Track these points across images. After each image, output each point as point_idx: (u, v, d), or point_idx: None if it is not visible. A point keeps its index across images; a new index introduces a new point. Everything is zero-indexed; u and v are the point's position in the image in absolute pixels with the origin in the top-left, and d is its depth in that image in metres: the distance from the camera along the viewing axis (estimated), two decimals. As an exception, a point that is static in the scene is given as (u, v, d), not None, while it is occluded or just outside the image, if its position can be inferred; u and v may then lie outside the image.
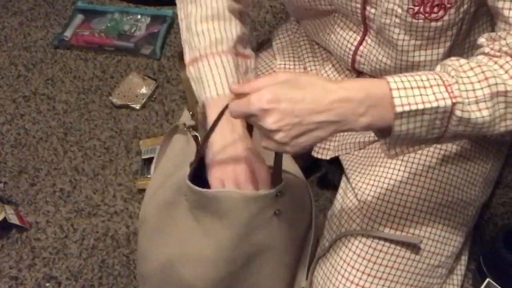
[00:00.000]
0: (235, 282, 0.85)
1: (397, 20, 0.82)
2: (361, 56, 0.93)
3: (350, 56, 0.94)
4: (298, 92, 0.64)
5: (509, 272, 0.95)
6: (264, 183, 0.80)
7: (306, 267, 0.91)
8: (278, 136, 0.65)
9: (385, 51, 0.89)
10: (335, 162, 1.02)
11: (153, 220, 0.87)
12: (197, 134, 0.87)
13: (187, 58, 0.88)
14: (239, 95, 0.68)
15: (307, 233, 0.91)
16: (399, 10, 0.80)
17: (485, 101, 0.67)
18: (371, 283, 0.85)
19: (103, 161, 1.29)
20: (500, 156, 0.99)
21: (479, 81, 0.67)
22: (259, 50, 1.18)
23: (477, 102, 0.67)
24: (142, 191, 1.23)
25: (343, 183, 0.98)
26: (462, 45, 0.87)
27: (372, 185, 0.90)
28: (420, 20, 0.80)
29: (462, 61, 0.70)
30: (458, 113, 0.67)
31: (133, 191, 1.24)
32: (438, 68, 0.72)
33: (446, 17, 0.79)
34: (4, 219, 1.15)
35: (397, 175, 0.90)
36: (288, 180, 0.81)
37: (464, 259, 0.99)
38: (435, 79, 0.67)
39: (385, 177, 0.90)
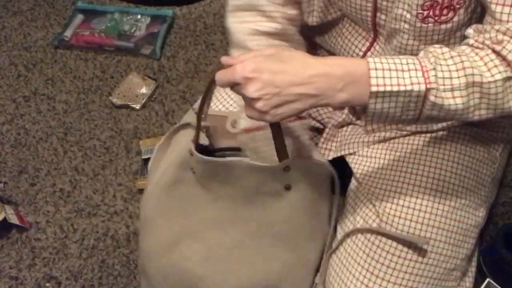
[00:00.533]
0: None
1: (406, 26, 0.82)
2: None
3: None
4: (280, 65, 0.68)
5: (509, 272, 0.95)
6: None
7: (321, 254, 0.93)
8: (259, 105, 0.69)
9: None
10: (335, 162, 1.02)
11: (156, 208, 0.89)
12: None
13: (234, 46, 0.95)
14: (227, 67, 0.72)
15: (326, 220, 0.93)
16: (408, 16, 0.80)
17: (460, 90, 0.70)
18: None
19: (103, 161, 1.30)
20: (505, 156, 0.99)
21: (456, 70, 0.70)
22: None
23: (452, 90, 0.70)
24: (142, 191, 1.23)
25: (353, 186, 0.98)
26: None
27: (385, 189, 0.90)
28: (429, 24, 0.80)
29: (445, 49, 0.72)
30: (432, 98, 0.69)
31: (133, 191, 1.24)
32: (421, 53, 0.74)
33: (455, 18, 0.80)
34: (4, 219, 1.15)
35: (409, 178, 0.89)
36: (300, 160, 0.86)
37: (474, 260, 0.98)
38: (414, 63, 0.70)
39: (398, 181, 0.90)
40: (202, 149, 0.86)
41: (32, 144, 1.34)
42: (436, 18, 0.79)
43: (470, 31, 0.77)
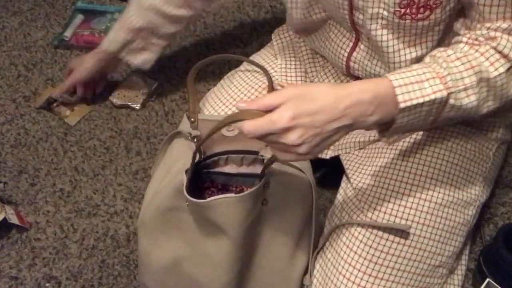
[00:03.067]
0: (244, 275, 0.88)
1: (384, 22, 0.83)
2: (354, 62, 0.93)
3: (344, 63, 0.94)
4: (314, 104, 0.67)
5: (509, 272, 0.95)
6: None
7: (307, 260, 0.92)
8: (302, 149, 0.68)
9: (378, 55, 0.89)
10: (336, 162, 1.02)
11: (154, 223, 0.88)
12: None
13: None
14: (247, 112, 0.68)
15: (306, 224, 0.91)
16: (385, 13, 0.82)
17: (472, 88, 0.74)
18: (372, 283, 0.85)
19: (103, 161, 1.29)
20: (499, 155, 0.99)
21: (466, 70, 0.74)
22: (260, 50, 1.18)
23: (465, 89, 0.74)
24: (141, 191, 1.23)
25: (343, 183, 0.98)
26: (450, 36, 0.88)
27: (373, 185, 0.90)
28: (407, 21, 0.82)
29: (449, 51, 0.76)
30: (451, 101, 0.74)
31: (133, 191, 1.24)
32: (427, 59, 0.77)
33: (432, 16, 0.82)
34: (4, 219, 1.14)
35: (397, 175, 0.90)
36: (278, 171, 0.84)
37: (464, 258, 0.99)
38: (429, 72, 0.73)
39: (386, 177, 0.90)
40: (197, 164, 0.85)
41: (32, 144, 1.34)
42: (413, 16, 0.81)
43: (458, 26, 0.82)
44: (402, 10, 0.80)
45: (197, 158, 0.84)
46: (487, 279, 0.91)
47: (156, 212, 0.87)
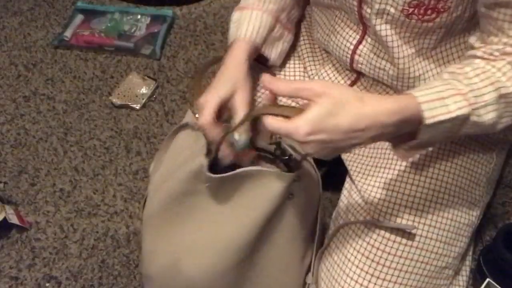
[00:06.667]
0: (241, 271, 0.87)
1: (389, 18, 0.83)
2: (360, 55, 0.93)
3: (349, 56, 0.94)
4: (335, 120, 0.67)
5: (509, 272, 0.95)
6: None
7: (312, 260, 0.92)
8: (310, 152, 0.70)
9: (384, 50, 0.89)
10: (336, 161, 1.02)
11: (160, 215, 0.88)
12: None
13: (238, 6, 1.01)
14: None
15: (314, 225, 0.92)
16: (392, 10, 0.82)
17: (492, 104, 0.73)
18: (379, 285, 0.85)
19: (103, 161, 1.29)
20: (502, 155, 0.99)
21: (485, 86, 0.73)
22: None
23: (486, 106, 0.73)
24: (141, 191, 1.23)
25: (347, 184, 0.98)
26: (454, 32, 0.88)
27: (378, 187, 0.90)
28: (412, 20, 0.82)
29: (467, 68, 0.75)
30: (473, 118, 0.73)
31: (133, 191, 1.24)
32: (445, 75, 0.76)
33: (437, 19, 0.82)
34: (4, 219, 1.14)
35: (402, 176, 0.90)
36: (305, 168, 0.85)
37: (468, 259, 0.98)
38: (452, 89, 0.72)
39: (391, 179, 0.90)
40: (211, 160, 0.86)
41: (32, 144, 1.34)
42: (420, 16, 0.81)
43: (473, 40, 0.81)
44: (410, 10, 0.80)
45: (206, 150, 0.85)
46: (487, 279, 0.91)
47: (167, 200, 0.87)
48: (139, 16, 1.59)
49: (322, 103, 0.66)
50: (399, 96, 0.71)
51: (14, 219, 1.16)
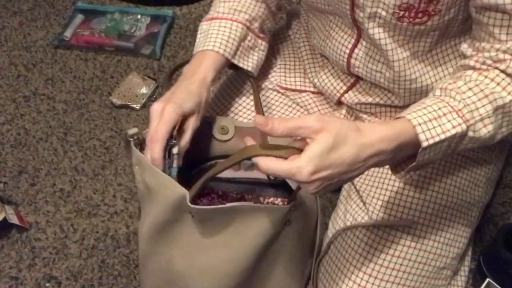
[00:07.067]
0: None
1: (381, 21, 0.83)
2: (356, 59, 0.93)
3: (345, 60, 0.94)
4: (336, 155, 0.65)
5: (509, 272, 0.95)
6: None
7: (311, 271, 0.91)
8: (313, 192, 0.67)
9: (380, 53, 0.89)
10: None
11: (149, 243, 0.84)
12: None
13: (207, 16, 0.99)
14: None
15: (313, 237, 0.91)
16: (384, 13, 0.81)
17: (489, 117, 0.72)
18: (378, 286, 0.85)
19: (103, 161, 1.29)
20: (501, 156, 0.99)
21: (479, 100, 0.71)
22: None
23: (482, 119, 0.71)
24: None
25: (346, 184, 0.98)
26: (449, 34, 0.88)
27: (377, 188, 0.90)
28: (404, 23, 0.82)
29: (459, 82, 0.73)
30: (470, 133, 0.71)
31: (133, 191, 1.24)
32: (437, 92, 0.74)
33: (429, 22, 0.81)
34: (4, 219, 1.14)
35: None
36: (302, 194, 0.80)
37: (467, 260, 0.98)
38: (445, 106, 0.71)
39: (390, 179, 0.90)
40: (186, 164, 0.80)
41: (32, 144, 1.34)
42: (411, 19, 0.81)
43: (465, 46, 0.79)
44: (401, 13, 0.80)
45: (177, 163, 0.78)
46: (487, 279, 0.91)
47: (155, 227, 0.81)
48: (139, 16, 1.59)
49: (322, 139, 0.64)
50: (395, 121, 0.70)
51: (14, 219, 1.16)
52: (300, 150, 0.65)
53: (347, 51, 0.93)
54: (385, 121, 0.71)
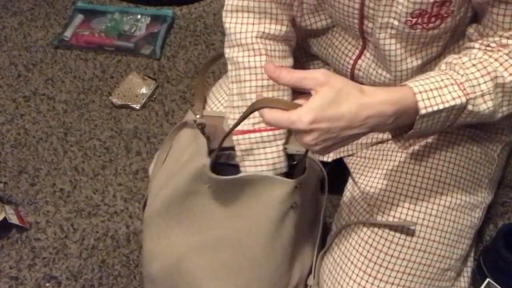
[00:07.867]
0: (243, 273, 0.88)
1: (393, 32, 0.83)
2: (359, 70, 0.93)
3: (349, 70, 0.94)
4: (336, 109, 0.67)
5: (509, 272, 0.95)
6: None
7: (313, 261, 0.93)
8: (314, 148, 0.70)
9: (384, 63, 0.89)
10: (336, 161, 1.02)
11: (162, 214, 0.88)
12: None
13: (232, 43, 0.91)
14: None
15: (313, 223, 0.93)
16: (396, 23, 0.81)
17: (489, 93, 0.74)
18: (378, 287, 0.85)
19: (103, 161, 1.29)
20: (503, 156, 0.99)
21: (482, 76, 0.74)
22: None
23: (482, 95, 0.74)
24: (141, 191, 1.23)
25: (349, 185, 0.98)
26: (455, 42, 0.88)
27: (381, 189, 0.90)
28: (417, 30, 0.82)
29: (464, 58, 0.76)
30: (469, 107, 0.74)
31: (133, 191, 1.24)
32: (443, 66, 0.77)
33: (442, 25, 0.81)
34: (4, 219, 1.14)
35: (405, 178, 0.89)
36: (307, 176, 0.86)
37: (470, 261, 0.98)
38: (448, 79, 0.73)
39: (393, 180, 0.90)
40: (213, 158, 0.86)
41: (32, 144, 1.34)
42: (424, 25, 0.81)
43: (471, 31, 0.82)
44: (414, 20, 0.80)
45: (206, 148, 0.85)
46: (487, 279, 0.91)
47: (170, 199, 0.87)
48: (139, 16, 1.59)
49: (325, 92, 0.67)
50: (398, 87, 0.73)
51: (14, 219, 1.16)
52: None
53: (351, 61, 0.93)
54: (388, 87, 0.73)
